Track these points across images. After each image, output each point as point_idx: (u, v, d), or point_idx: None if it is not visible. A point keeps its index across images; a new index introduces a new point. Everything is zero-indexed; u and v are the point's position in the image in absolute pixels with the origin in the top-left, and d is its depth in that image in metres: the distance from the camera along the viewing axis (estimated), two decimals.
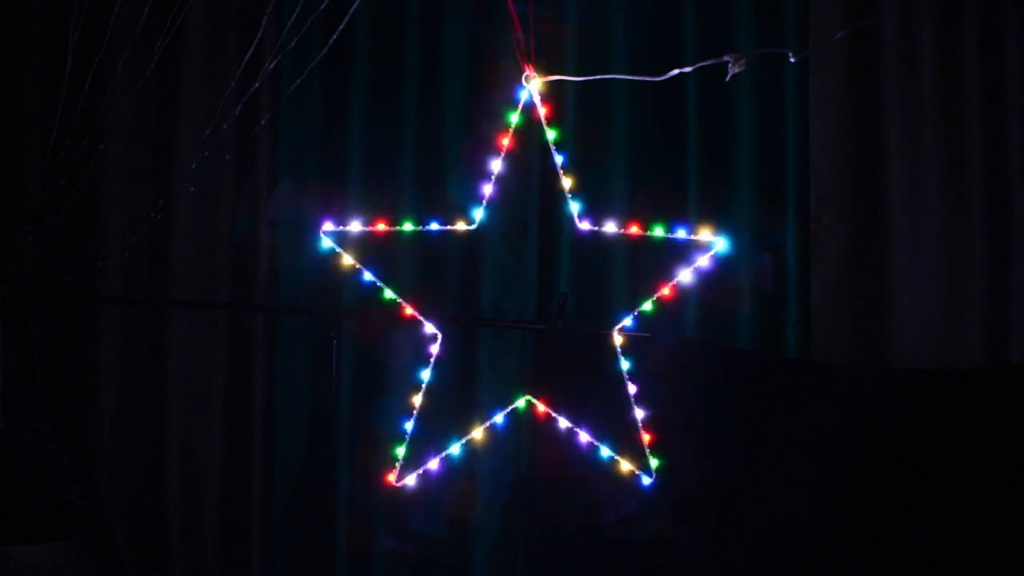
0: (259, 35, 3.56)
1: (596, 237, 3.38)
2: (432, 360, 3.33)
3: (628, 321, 3.37)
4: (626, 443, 3.31)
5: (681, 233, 3.32)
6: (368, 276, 3.35)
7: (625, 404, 3.29)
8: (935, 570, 3.21)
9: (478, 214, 3.36)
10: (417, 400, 3.32)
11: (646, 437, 3.29)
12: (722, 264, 3.38)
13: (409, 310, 3.34)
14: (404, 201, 3.74)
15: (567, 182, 3.32)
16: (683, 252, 3.31)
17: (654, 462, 3.30)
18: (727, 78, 3.11)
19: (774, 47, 3.66)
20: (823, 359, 3.65)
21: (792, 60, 3.29)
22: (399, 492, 3.41)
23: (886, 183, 3.68)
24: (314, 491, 3.75)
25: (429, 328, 3.34)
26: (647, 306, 3.36)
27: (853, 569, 3.29)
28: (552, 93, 3.41)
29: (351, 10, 3.48)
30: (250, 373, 3.80)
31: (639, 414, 3.28)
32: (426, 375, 3.32)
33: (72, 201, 3.59)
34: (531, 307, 3.75)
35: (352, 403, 3.78)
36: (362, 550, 3.78)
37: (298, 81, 3.63)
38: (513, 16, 3.32)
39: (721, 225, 3.38)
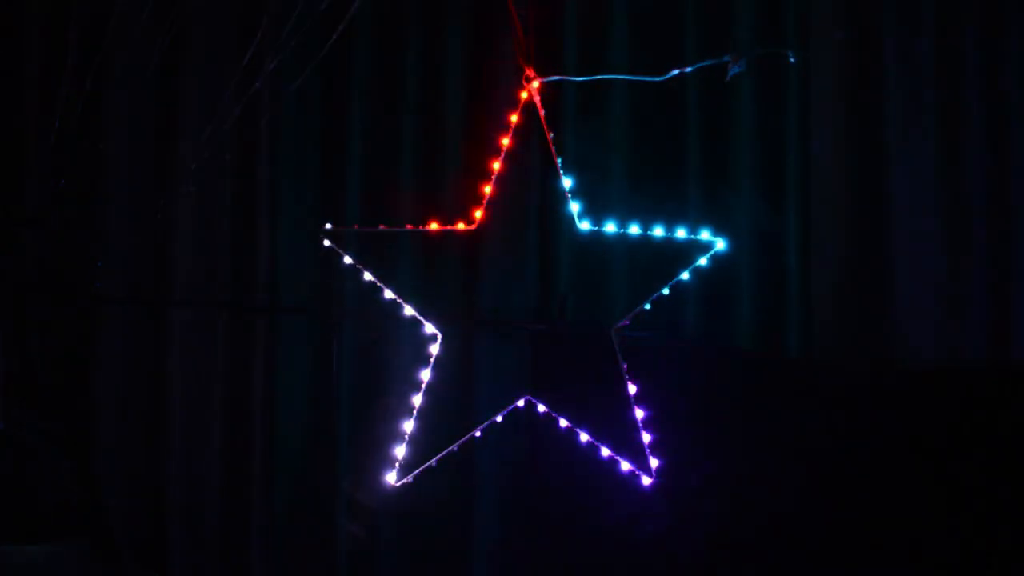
0: (259, 35, 3.56)
1: (596, 237, 3.38)
2: (432, 360, 3.33)
3: (628, 321, 3.37)
4: (626, 443, 3.31)
5: (681, 233, 3.32)
6: (368, 276, 3.35)
7: (625, 404, 3.29)
8: (935, 568, 3.21)
9: (478, 214, 3.36)
10: (417, 400, 3.33)
11: (646, 437, 3.29)
12: (722, 264, 3.38)
13: (409, 310, 3.34)
14: (404, 201, 3.74)
15: (567, 182, 3.32)
16: (683, 252, 3.31)
17: (654, 462, 3.30)
18: (727, 78, 3.12)
19: (774, 47, 3.66)
20: (823, 359, 3.65)
21: (792, 60, 3.29)
22: (399, 492, 3.42)
23: (886, 183, 3.68)
24: (314, 491, 3.75)
25: (429, 328, 3.34)
26: (647, 306, 3.36)
27: (853, 567, 3.29)
28: (552, 93, 3.41)
29: (351, 10, 3.48)
30: (250, 373, 3.80)
31: (639, 414, 3.28)
32: (426, 375, 3.32)
33: (72, 201, 3.60)
34: (531, 307, 3.74)
35: (352, 403, 3.78)
36: (362, 550, 3.77)
37: (298, 81, 3.63)
38: (513, 16, 3.32)
39: (721, 225, 3.38)
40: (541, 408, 3.39)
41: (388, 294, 3.34)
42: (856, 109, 3.72)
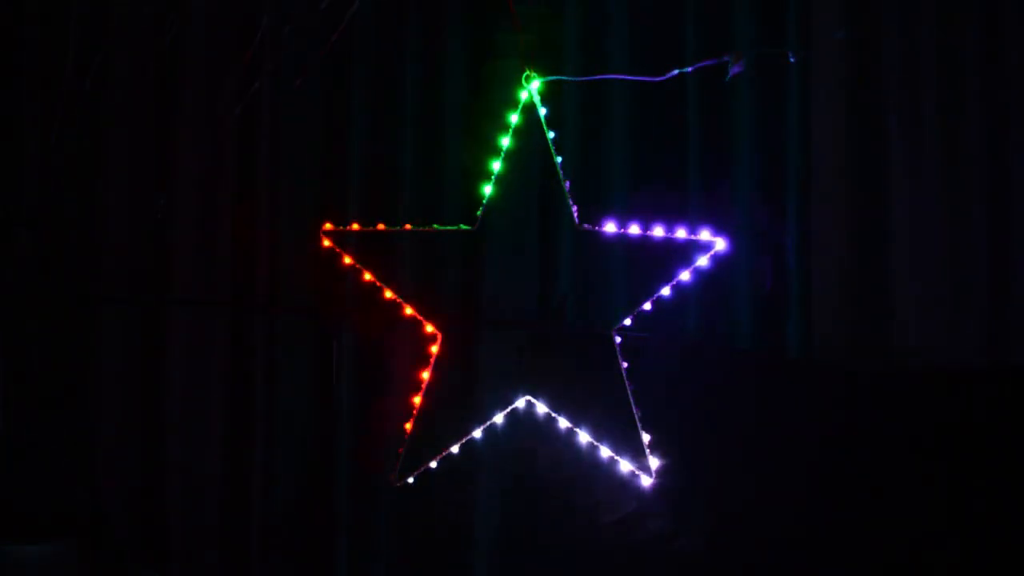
0: (259, 35, 3.56)
1: (596, 237, 3.38)
2: (432, 360, 3.33)
3: (628, 321, 3.37)
4: (626, 443, 3.31)
5: (681, 233, 3.32)
6: (368, 276, 3.35)
7: (625, 404, 3.29)
8: (936, 568, 3.21)
9: (478, 214, 3.36)
10: (417, 400, 3.33)
11: (646, 437, 3.29)
12: (722, 264, 3.38)
13: (409, 310, 3.34)
14: (404, 201, 3.74)
15: (567, 182, 3.32)
16: (683, 252, 3.31)
17: (654, 462, 3.30)
18: (727, 78, 3.11)
19: (774, 47, 3.66)
20: (823, 359, 3.65)
21: (792, 60, 3.29)
22: (399, 492, 3.42)
23: (886, 183, 3.68)
24: (314, 491, 3.75)
25: (429, 328, 3.35)
26: (647, 306, 3.36)
27: (853, 568, 3.29)
28: (552, 93, 3.41)
29: (351, 10, 3.49)
30: (250, 373, 3.80)
31: (639, 414, 3.28)
32: (426, 375, 3.32)
33: (71, 201, 3.60)
34: (531, 307, 3.74)
35: (352, 403, 3.78)
36: (362, 550, 3.78)
37: (298, 81, 3.63)
38: (513, 16, 3.32)
39: (721, 225, 3.38)
40: (541, 408, 3.39)
41: (388, 294, 3.34)
42: (856, 109, 3.71)
